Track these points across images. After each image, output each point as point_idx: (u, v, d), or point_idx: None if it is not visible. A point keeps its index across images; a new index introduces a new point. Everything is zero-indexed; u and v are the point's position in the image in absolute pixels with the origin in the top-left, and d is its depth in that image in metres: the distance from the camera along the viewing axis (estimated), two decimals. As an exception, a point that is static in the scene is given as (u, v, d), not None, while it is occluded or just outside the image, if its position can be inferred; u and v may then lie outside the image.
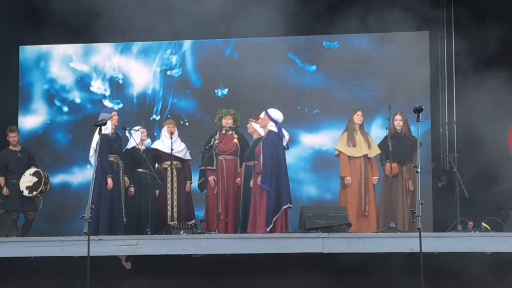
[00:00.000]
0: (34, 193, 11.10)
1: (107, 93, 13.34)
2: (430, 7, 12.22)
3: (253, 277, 9.62)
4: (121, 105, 13.34)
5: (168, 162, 11.16)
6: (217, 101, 12.69)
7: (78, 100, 13.40)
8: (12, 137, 11.47)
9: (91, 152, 10.67)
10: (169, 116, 12.77)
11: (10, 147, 11.49)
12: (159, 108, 13.17)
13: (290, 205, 10.35)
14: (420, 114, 8.47)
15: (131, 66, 13.37)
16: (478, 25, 11.12)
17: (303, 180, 12.89)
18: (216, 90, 13.10)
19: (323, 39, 13.01)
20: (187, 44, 13.37)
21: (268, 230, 10.08)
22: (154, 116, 13.06)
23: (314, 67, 13.08)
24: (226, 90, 13.11)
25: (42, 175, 11.13)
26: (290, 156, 12.86)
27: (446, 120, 12.41)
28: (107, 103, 13.00)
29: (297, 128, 12.92)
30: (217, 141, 10.93)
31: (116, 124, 10.98)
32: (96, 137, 10.29)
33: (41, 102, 13.45)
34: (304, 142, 12.96)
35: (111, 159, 10.71)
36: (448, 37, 12.25)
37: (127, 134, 11.30)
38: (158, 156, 11.29)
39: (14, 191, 11.19)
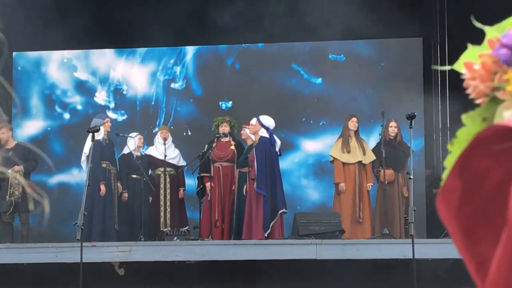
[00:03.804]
0: (7, 197, 10.83)
1: (112, 105, 13.31)
2: (423, 14, 12.25)
3: (247, 283, 9.61)
4: (125, 116, 13.31)
5: (162, 169, 11.15)
6: (221, 111, 12.66)
7: (79, 107, 13.38)
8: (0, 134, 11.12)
9: (83, 158, 10.63)
10: (172, 127, 12.78)
11: (4, 145, 11.13)
12: (162, 121, 13.14)
13: (286, 210, 10.36)
14: (413, 121, 8.50)
15: (135, 75, 13.35)
16: (472, 32, 11.15)
17: (306, 187, 12.89)
18: (220, 103, 13.09)
19: (327, 47, 13.02)
20: (190, 53, 13.35)
21: (266, 235, 10.09)
22: (156, 129, 12.98)
23: (320, 80, 13.08)
24: (231, 102, 13.11)
25: (10, 177, 10.75)
26: (293, 163, 12.89)
27: (440, 126, 12.43)
28: (111, 114, 12.94)
29: (300, 135, 12.94)
30: (214, 145, 10.91)
31: (109, 130, 10.97)
32: (88, 143, 10.26)
33: (42, 107, 13.41)
34: (308, 149, 12.97)
35: (103, 165, 10.69)
36: (441, 43, 12.28)
37: (127, 141, 11.26)
38: (152, 162, 11.29)
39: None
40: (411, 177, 8.27)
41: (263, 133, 10.46)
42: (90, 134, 9.23)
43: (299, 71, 13.12)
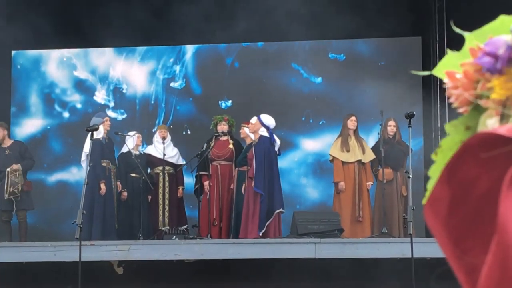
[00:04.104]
0: (6, 196, 10.78)
1: (111, 104, 13.30)
2: (422, 13, 12.25)
3: (245, 282, 9.62)
4: (125, 115, 13.31)
5: (160, 167, 11.14)
6: (220, 110, 12.65)
7: (79, 105, 13.37)
8: None
9: (83, 157, 10.63)
10: (171, 126, 12.78)
11: (1, 144, 11.09)
12: (162, 120, 13.13)
13: (283, 210, 10.36)
14: (412, 120, 8.50)
15: (134, 74, 13.34)
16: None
17: (306, 186, 12.89)
18: (220, 102, 13.08)
19: (326, 46, 13.02)
20: (189, 52, 13.34)
21: (260, 235, 10.08)
22: (155, 128, 13.01)
23: (320, 79, 13.08)
24: (230, 102, 13.10)
25: (10, 176, 10.69)
26: (293, 162, 12.88)
27: (439, 125, 12.43)
28: (110, 113, 12.93)
29: (300, 134, 12.94)
30: (212, 143, 10.91)
31: (108, 129, 10.96)
32: (88, 142, 10.23)
33: (41, 106, 13.39)
34: (308, 148, 12.97)
35: (104, 164, 10.68)
36: (440, 42, 12.28)
37: (126, 140, 11.25)
38: (151, 161, 11.28)
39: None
40: (410, 176, 8.27)
41: (263, 132, 10.45)
42: (89, 133, 9.23)
43: (299, 70, 13.12)
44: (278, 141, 10.52)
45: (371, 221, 10.80)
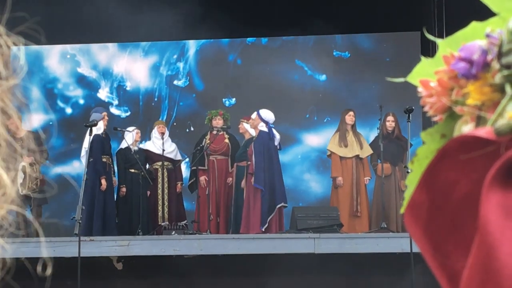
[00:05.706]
0: (24, 191, 10.67)
1: (115, 102, 13.31)
2: (421, 7, 12.24)
3: (245, 277, 9.62)
4: (128, 113, 13.31)
5: (159, 163, 11.14)
6: (224, 107, 12.65)
7: (81, 101, 13.38)
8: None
9: (83, 152, 10.61)
10: (175, 124, 12.78)
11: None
12: (165, 118, 13.12)
13: (285, 205, 10.36)
14: (411, 115, 8.51)
15: (138, 70, 13.34)
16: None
17: (309, 181, 12.90)
18: (224, 100, 13.09)
19: (330, 42, 13.02)
20: (192, 47, 13.33)
21: (263, 230, 10.09)
22: (155, 124, 13.04)
23: (324, 76, 13.07)
24: (234, 99, 13.10)
25: (27, 170, 10.57)
26: (297, 158, 12.89)
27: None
28: (114, 110, 12.93)
29: (304, 130, 12.94)
30: (208, 142, 10.93)
31: (107, 124, 10.94)
32: (87, 137, 10.21)
33: (43, 101, 13.40)
34: (311, 144, 12.97)
35: (104, 159, 10.68)
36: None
37: (125, 135, 11.24)
38: (149, 157, 11.28)
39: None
40: (409, 170, 8.28)
41: (262, 127, 10.45)
42: (88, 129, 9.23)
43: (303, 67, 13.11)
44: (277, 136, 10.51)
45: (369, 216, 10.82)
